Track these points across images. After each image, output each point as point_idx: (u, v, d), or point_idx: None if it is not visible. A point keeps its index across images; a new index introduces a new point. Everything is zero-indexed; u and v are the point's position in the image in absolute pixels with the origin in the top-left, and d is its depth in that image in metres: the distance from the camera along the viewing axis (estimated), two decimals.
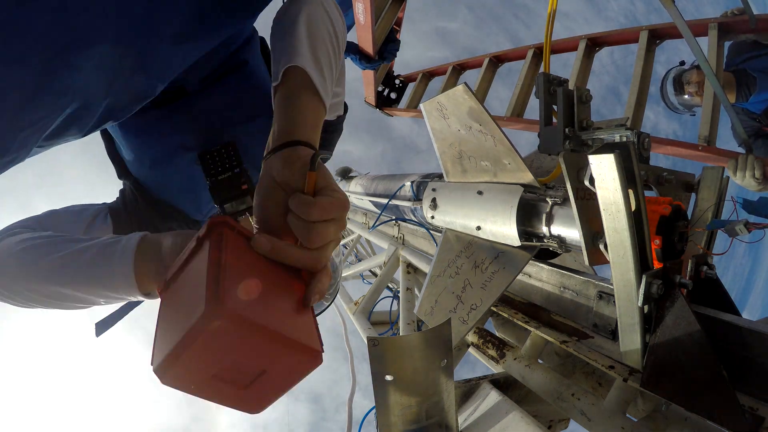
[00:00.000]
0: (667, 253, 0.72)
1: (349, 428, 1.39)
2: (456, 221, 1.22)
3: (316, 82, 0.63)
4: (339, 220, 0.52)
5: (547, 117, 0.95)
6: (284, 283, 0.48)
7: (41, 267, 0.65)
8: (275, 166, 0.54)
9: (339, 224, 0.52)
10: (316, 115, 0.62)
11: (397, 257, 2.23)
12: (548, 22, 1.00)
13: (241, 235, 0.49)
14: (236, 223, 0.50)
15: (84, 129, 0.78)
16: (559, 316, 1.04)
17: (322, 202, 0.50)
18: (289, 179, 0.52)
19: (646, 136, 0.82)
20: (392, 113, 3.78)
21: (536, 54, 2.56)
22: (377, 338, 0.81)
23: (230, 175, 0.89)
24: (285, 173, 0.53)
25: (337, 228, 0.52)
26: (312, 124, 0.60)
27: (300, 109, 0.61)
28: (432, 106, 1.19)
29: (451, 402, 0.90)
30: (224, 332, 0.37)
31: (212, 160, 0.89)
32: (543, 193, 0.97)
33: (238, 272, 0.42)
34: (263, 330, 0.39)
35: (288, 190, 0.52)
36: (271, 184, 0.53)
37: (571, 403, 0.81)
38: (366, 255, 4.12)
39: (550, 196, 0.93)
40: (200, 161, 0.90)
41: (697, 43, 1.33)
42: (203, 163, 0.90)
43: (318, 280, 0.50)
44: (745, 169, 1.56)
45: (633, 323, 0.67)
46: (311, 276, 0.51)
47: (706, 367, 0.59)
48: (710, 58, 1.83)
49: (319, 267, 0.51)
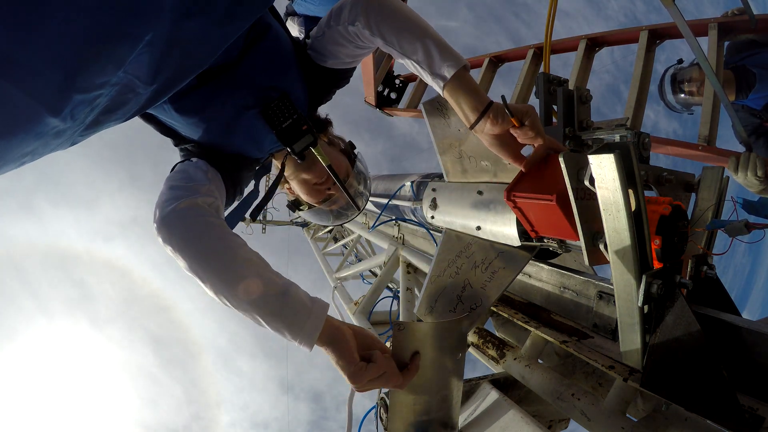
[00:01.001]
0: (667, 253, 0.72)
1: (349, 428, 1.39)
2: (456, 221, 1.22)
3: (461, 73, 0.90)
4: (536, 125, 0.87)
5: (547, 117, 0.95)
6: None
7: (248, 284, 0.81)
8: (488, 127, 0.88)
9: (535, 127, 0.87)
10: (475, 87, 0.92)
11: (397, 257, 2.23)
12: (548, 22, 1.00)
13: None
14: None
15: (129, 112, 0.89)
16: (559, 316, 1.04)
17: (531, 118, 0.86)
18: (503, 126, 0.87)
19: (646, 136, 0.82)
20: (392, 113, 3.78)
21: (536, 54, 2.56)
22: (402, 323, 0.83)
23: (291, 122, 1.08)
24: (499, 126, 0.87)
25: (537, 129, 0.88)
26: (478, 91, 0.91)
27: (470, 89, 0.90)
28: (432, 106, 1.18)
29: (457, 399, 0.91)
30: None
31: (273, 113, 1.07)
32: None
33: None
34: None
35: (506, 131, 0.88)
36: (499, 135, 0.89)
37: (571, 403, 0.81)
38: (366, 255, 4.12)
39: None
40: (263, 117, 1.08)
41: (698, 42, 1.32)
42: (266, 117, 1.07)
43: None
44: (747, 168, 1.55)
45: (633, 323, 0.67)
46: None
47: (706, 367, 0.59)
48: (710, 57, 1.83)
49: (546, 143, 0.88)
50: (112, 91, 0.80)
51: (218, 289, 0.82)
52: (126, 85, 0.81)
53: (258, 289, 0.80)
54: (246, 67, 1.05)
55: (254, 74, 1.06)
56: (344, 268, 3.55)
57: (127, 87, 0.82)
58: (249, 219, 7.16)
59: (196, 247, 0.84)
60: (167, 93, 0.93)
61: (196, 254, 0.84)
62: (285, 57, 1.11)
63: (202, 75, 0.98)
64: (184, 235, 0.85)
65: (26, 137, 0.74)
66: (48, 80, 0.69)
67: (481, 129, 0.89)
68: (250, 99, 1.07)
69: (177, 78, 0.91)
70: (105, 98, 0.80)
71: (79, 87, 0.73)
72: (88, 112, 0.79)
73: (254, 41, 1.05)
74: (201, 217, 0.88)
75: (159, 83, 0.86)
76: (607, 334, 0.89)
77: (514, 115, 0.85)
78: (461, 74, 0.89)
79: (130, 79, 0.80)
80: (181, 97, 1.02)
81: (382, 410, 1.08)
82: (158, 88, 0.87)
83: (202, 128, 1.09)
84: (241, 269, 0.82)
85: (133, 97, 0.86)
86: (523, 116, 0.86)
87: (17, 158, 0.78)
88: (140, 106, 0.91)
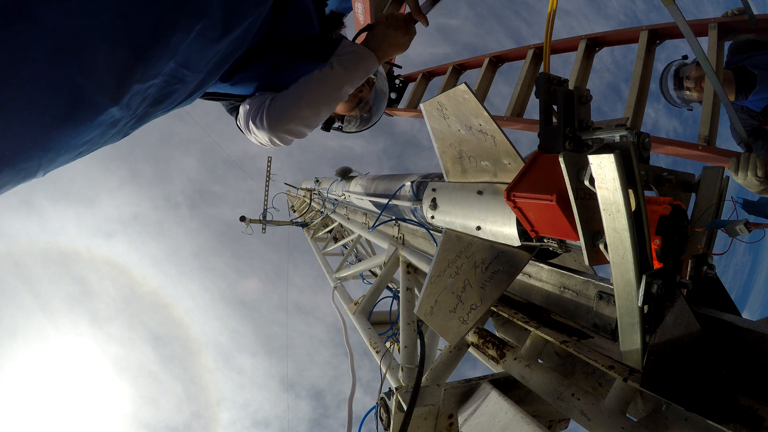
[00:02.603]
0: (667, 253, 0.72)
1: (349, 428, 1.39)
2: (456, 221, 1.22)
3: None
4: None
5: (547, 117, 0.95)
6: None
7: (339, 81, 1.21)
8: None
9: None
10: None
11: (397, 257, 2.23)
12: (548, 22, 1.00)
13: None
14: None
15: (174, 103, 0.98)
16: (559, 316, 1.04)
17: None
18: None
19: (645, 136, 0.82)
20: (392, 113, 3.77)
21: (536, 54, 2.56)
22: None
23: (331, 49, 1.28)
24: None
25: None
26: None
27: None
28: (432, 106, 1.18)
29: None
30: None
31: (314, 51, 1.27)
32: None
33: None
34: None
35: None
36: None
37: (571, 403, 0.81)
38: (366, 255, 4.12)
39: None
40: (309, 58, 1.27)
41: (698, 42, 1.32)
42: (311, 56, 1.28)
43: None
44: (747, 168, 1.55)
45: (633, 323, 0.67)
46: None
47: (706, 367, 0.59)
48: (710, 57, 1.82)
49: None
50: (162, 80, 0.86)
51: (329, 109, 1.25)
52: (174, 76, 0.88)
53: (339, 85, 1.20)
54: (280, 33, 1.17)
55: (288, 36, 1.20)
56: (344, 268, 3.55)
57: (175, 77, 0.89)
58: (249, 219, 7.17)
59: (299, 104, 1.18)
60: (212, 79, 1.03)
61: (302, 105, 1.19)
62: (304, 15, 1.25)
63: (247, 51, 1.12)
64: (273, 113, 1.17)
65: (88, 125, 0.77)
66: (110, 68, 0.73)
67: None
68: (295, 52, 1.23)
69: (223, 62, 1.01)
70: (155, 88, 0.86)
71: (138, 77, 0.79)
72: (141, 101, 0.85)
73: (281, 10, 1.16)
74: (273, 100, 1.18)
75: (206, 71, 0.96)
76: (607, 334, 0.89)
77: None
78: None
79: (178, 69, 0.88)
80: (231, 75, 1.16)
81: (382, 410, 1.08)
82: (205, 76, 0.98)
83: (275, 81, 1.27)
84: (328, 96, 1.21)
85: (180, 87, 0.93)
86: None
87: (77, 146, 0.81)
88: (185, 96, 1.00)
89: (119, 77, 0.76)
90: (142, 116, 0.91)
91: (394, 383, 1.54)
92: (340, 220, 3.98)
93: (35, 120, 0.70)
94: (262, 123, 1.17)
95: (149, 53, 0.78)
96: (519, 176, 0.89)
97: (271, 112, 1.17)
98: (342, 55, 1.23)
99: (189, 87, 0.97)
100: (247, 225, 7.18)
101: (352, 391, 1.79)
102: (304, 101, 1.17)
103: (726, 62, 2.06)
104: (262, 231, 7.39)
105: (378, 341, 1.89)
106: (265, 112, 1.18)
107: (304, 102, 1.17)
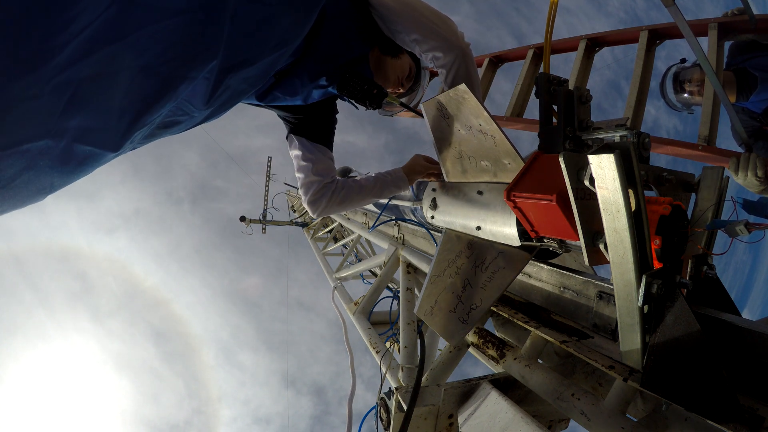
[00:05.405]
0: (667, 253, 0.72)
1: (349, 428, 1.39)
2: (456, 221, 1.22)
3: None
4: None
5: (547, 117, 0.95)
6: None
7: (373, 189, 1.44)
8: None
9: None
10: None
11: (397, 257, 2.23)
12: (548, 22, 1.00)
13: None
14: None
15: (182, 129, 0.99)
16: (559, 316, 1.04)
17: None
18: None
19: (645, 136, 0.82)
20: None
21: (536, 54, 2.56)
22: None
23: (366, 88, 1.30)
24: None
25: None
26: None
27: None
28: (432, 106, 1.18)
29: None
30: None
31: (347, 86, 1.30)
32: None
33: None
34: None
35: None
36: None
37: (571, 403, 0.81)
38: (366, 255, 4.12)
39: None
40: (342, 93, 1.31)
41: (698, 42, 1.32)
42: (344, 91, 1.31)
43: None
44: (747, 168, 1.55)
45: (633, 323, 0.67)
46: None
47: (706, 367, 0.59)
48: (710, 57, 1.82)
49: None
50: (168, 111, 0.88)
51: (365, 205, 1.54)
52: (179, 108, 0.90)
53: (378, 194, 1.46)
54: (321, 44, 1.18)
55: (320, 61, 1.21)
56: (344, 268, 3.55)
57: (180, 110, 0.90)
58: (249, 219, 7.18)
59: (345, 206, 1.43)
60: (224, 111, 1.04)
61: (346, 207, 1.45)
62: (345, 35, 1.24)
63: (278, 73, 1.15)
64: (329, 207, 1.39)
65: (88, 172, 0.82)
66: (116, 130, 0.77)
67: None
68: (325, 80, 1.26)
69: (233, 98, 1.01)
70: (159, 118, 0.87)
71: (141, 125, 0.81)
72: (144, 131, 0.86)
73: (312, 33, 1.14)
74: (334, 192, 1.38)
75: (214, 106, 0.96)
76: (607, 334, 0.89)
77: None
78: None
79: (183, 103, 0.89)
80: (265, 96, 1.22)
81: (382, 410, 1.08)
82: (214, 110, 0.98)
83: (291, 108, 1.36)
84: (369, 197, 1.45)
85: (186, 119, 0.95)
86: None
87: (72, 182, 0.84)
88: (195, 125, 1.02)
89: (123, 134, 0.78)
90: (148, 136, 0.93)
91: (394, 383, 1.54)
92: (340, 220, 3.98)
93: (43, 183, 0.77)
94: (313, 210, 1.40)
95: (155, 106, 0.80)
96: (519, 176, 0.89)
97: (319, 209, 1.40)
98: (383, 177, 1.48)
99: (196, 119, 0.98)
100: (247, 225, 7.18)
101: (352, 392, 1.79)
102: (343, 207, 1.44)
103: (726, 63, 2.06)
104: (262, 231, 7.39)
105: (378, 341, 1.89)
106: (317, 209, 1.40)
107: (343, 208, 1.45)
